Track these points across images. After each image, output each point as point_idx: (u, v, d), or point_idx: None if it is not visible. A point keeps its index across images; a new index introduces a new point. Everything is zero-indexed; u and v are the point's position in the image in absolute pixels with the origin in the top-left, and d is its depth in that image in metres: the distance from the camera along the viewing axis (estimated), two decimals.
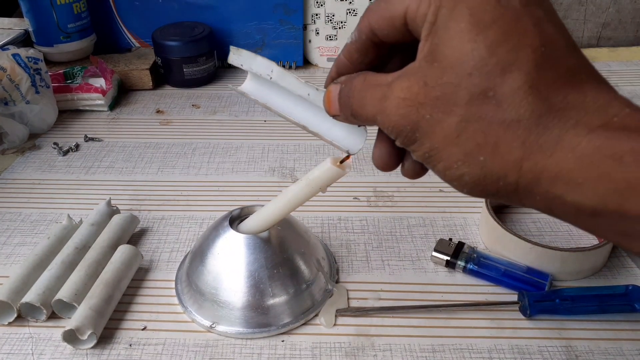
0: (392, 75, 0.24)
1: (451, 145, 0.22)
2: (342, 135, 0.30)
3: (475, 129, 0.21)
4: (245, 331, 0.40)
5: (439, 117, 0.22)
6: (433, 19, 0.22)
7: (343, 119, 0.27)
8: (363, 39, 0.26)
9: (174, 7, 0.82)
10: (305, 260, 0.42)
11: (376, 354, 0.39)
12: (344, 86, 0.26)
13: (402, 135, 0.23)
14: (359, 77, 0.25)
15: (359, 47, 0.26)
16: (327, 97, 0.27)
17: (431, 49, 0.22)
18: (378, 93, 0.24)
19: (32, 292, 0.40)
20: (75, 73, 0.73)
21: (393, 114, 0.23)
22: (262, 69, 0.30)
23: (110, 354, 0.39)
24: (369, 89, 0.24)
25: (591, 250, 0.43)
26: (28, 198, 0.55)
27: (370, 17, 0.25)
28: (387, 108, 0.23)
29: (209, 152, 0.63)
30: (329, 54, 0.85)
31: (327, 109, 0.28)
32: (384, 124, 0.24)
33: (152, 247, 0.49)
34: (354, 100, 0.25)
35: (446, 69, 0.21)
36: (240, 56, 0.31)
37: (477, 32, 0.21)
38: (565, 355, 0.38)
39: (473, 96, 0.21)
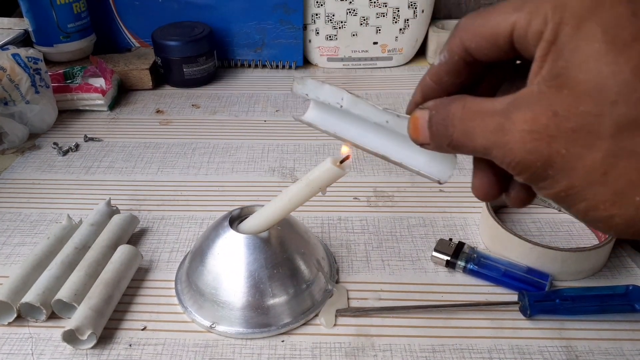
0: (501, 101, 0.21)
1: (596, 184, 0.19)
2: (427, 163, 0.27)
3: (627, 165, 0.19)
4: (245, 331, 0.40)
5: (578, 152, 0.19)
6: (552, 37, 0.19)
7: (434, 148, 0.24)
8: (455, 59, 0.23)
9: (174, 7, 0.82)
10: (305, 260, 0.42)
11: (376, 354, 0.39)
12: (435, 112, 0.23)
13: (528, 172, 0.21)
14: (456, 103, 0.22)
15: (450, 68, 0.24)
16: (413, 124, 0.24)
17: (556, 72, 0.19)
18: (491, 123, 0.21)
19: (32, 292, 0.40)
20: (75, 73, 0.73)
21: (517, 149, 0.20)
22: (330, 97, 0.28)
23: (110, 354, 0.39)
24: (475, 117, 0.22)
25: (591, 251, 0.43)
26: (28, 198, 0.55)
27: (463, 35, 0.22)
28: (508, 142, 0.20)
29: (208, 152, 0.63)
30: (329, 53, 0.84)
31: (412, 137, 0.25)
32: (504, 158, 0.21)
33: (152, 247, 0.49)
34: (454, 129, 0.22)
35: (582, 97, 0.19)
36: (305, 85, 0.29)
37: (617, 52, 0.18)
38: (565, 355, 0.38)
39: (621, 127, 0.18)
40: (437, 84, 0.25)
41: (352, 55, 0.85)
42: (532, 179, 0.21)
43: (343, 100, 0.28)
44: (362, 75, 0.84)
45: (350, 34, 0.83)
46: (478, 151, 0.22)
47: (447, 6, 0.89)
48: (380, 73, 0.84)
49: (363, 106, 0.27)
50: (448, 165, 0.27)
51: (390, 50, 0.84)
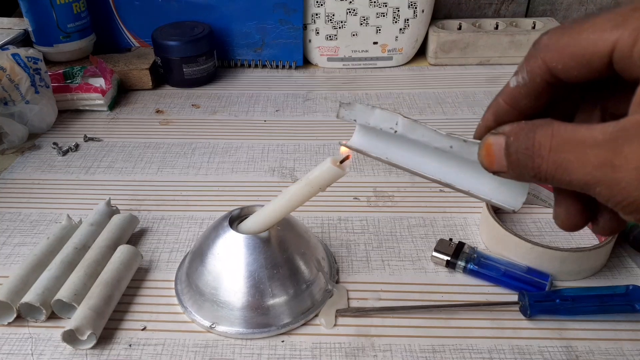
0: (602, 131, 0.19)
1: None
2: (496, 189, 0.25)
3: None
4: (245, 331, 0.40)
5: None
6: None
7: (513, 177, 0.22)
8: (537, 81, 0.21)
9: (174, 7, 0.82)
10: (305, 260, 0.42)
11: (376, 354, 0.39)
12: (514, 140, 0.21)
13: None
14: (543, 131, 0.20)
15: (529, 91, 0.22)
16: (487, 151, 0.22)
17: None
18: (593, 158, 0.19)
19: (32, 292, 0.40)
20: (75, 73, 0.73)
21: (632, 189, 0.18)
22: (383, 122, 0.26)
23: (110, 354, 0.39)
24: (570, 149, 0.19)
25: (591, 251, 0.43)
26: (28, 198, 0.55)
27: (547, 55, 0.21)
28: (619, 180, 0.18)
29: (208, 152, 0.63)
30: (329, 53, 0.84)
31: (486, 164, 0.23)
32: (612, 197, 0.19)
33: (152, 247, 0.49)
34: (542, 161, 0.20)
35: None
36: (353, 111, 0.27)
37: None
38: (565, 355, 0.38)
39: None
40: (513, 107, 0.23)
41: (352, 55, 0.85)
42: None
43: (397, 125, 0.26)
44: (362, 75, 0.84)
45: (350, 34, 0.83)
46: (574, 186, 0.20)
47: (447, 6, 0.89)
48: (380, 73, 0.84)
49: (422, 131, 0.25)
50: (520, 191, 0.25)
51: (390, 50, 0.84)
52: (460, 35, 0.83)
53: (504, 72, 0.82)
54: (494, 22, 0.86)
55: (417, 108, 0.73)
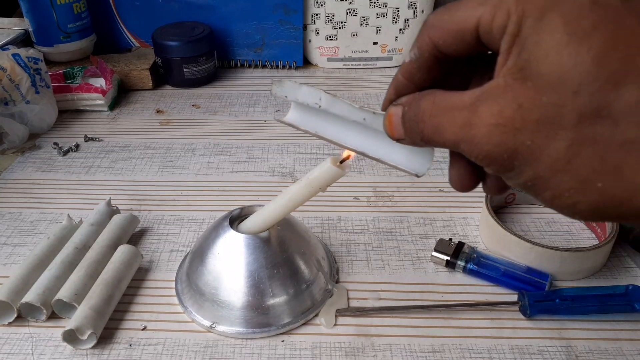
0: (469, 95, 0.21)
1: (560, 172, 0.20)
2: (405, 157, 0.28)
3: (590, 153, 0.19)
4: (245, 331, 0.40)
5: (543, 143, 0.19)
6: (515, 30, 0.19)
7: (409, 143, 0.25)
8: (425, 56, 0.24)
9: (174, 7, 0.82)
10: (305, 260, 0.42)
11: (376, 354, 0.39)
12: (408, 109, 0.24)
13: (495, 164, 0.21)
14: (426, 99, 0.23)
15: (421, 65, 0.24)
16: (389, 120, 0.25)
17: (520, 65, 0.20)
18: (459, 118, 0.21)
19: (32, 292, 0.40)
20: (75, 73, 0.73)
21: (484, 143, 0.21)
22: (308, 98, 0.29)
23: (110, 354, 0.39)
24: (444, 113, 0.22)
25: (591, 250, 0.43)
26: (28, 198, 0.55)
27: (431, 32, 0.23)
28: (475, 136, 0.21)
29: (209, 152, 0.63)
30: (329, 54, 0.85)
31: (389, 133, 0.26)
32: (472, 152, 0.21)
33: (152, 247, 0.49)
34: (425, 125, 0.23)
35: (545, 89, 0.19)
36: (283, 87, 0.30)
37: (578, 42, 0.18)
38: (565, 355, 0.38)
39: (583, 117, 0.19)
40: (409, 80, 0.25)
41: (352, 56, 0.85)
42: (499, 170, 0.21)
43: (321, 100, 0.29)
44: (362, 75, 0.84)
45: (350, 34, 0.83)
46: (448, 145, 0.22)
47: None
48: (380, 73, 0.84)
49: (340, 105, 0.28)
50: (425, 158, 0.28)
51: (390, 50, 0.84)
52: None
53: None
54: None
55: None
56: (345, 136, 0.29)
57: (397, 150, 0.28)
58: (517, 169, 0.21)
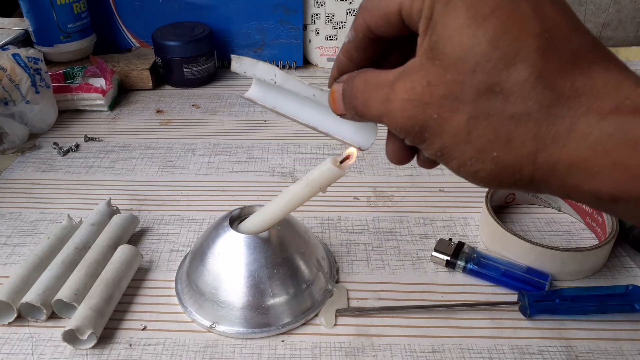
0: (393, 73, 0.23)
1: (462, 143, 0.22)
2: (352, 132, 0.30)
3: (485, 125, 0.21)
4: (245, 331, 0.40)
5: (447, 116, 0.22)
6: (429, 14, 0.21)
7: (350, 118, 0.27)
8: (360, 37, 0.25)
9: (174, 7, 0.82)
10: (305, 260, 0.42)
11: (376, 354, 0.39)
12: (346, 85, 0.26)
13: (410, 135, 0.23)
14: (359, 77, 0.25)
15: (357, 45, 0.26)
16: (332, 96, 0.27)
17: (430, 46, 0.22)
18: (381, 94, 0.24)
19: (32, 292, 0.40)
20: (75, 73, 0.73)
21: (399, 116, 0.23)
22: (264, 74, 0.31)
23: (110, 354, 0.39)
24: (371, 89, 0.24)
25: (591, 251, 0.43)
26: (28, 198, 0.55)
27: (364, 15, 0.25)
28: (392, 110, 0.23)
29: (209, 152, 0.63)
30: (329, 54, 0.85)
31: (332, 108, 0.28)
32: (391, 125, 0.24)
33: (152, 247, 0.49)
34: (357, 101, 0.25)
35: (448, 67, 0.21)
36: (242, 63, 0.31)
37: (476, 26, 0.20)
38: (565, 355, 0.38)
39: (479, 93, 0.21)
40: (349, 60, 0.27)
41: None
42: (414, 141, 0.23)
43: (276, 77, 0.30)
44: None
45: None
46: (375, 119, 0.25)
47: None
48: None
49: (292, 82, 0.30)
50: (370, 133, 0.30)
51: None
52: None
53: None
54: None
55: None
56: (299, 112, 0.31)
57: (346, 126, 0.30)
58: (428, 140, 0.23)
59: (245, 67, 0.31)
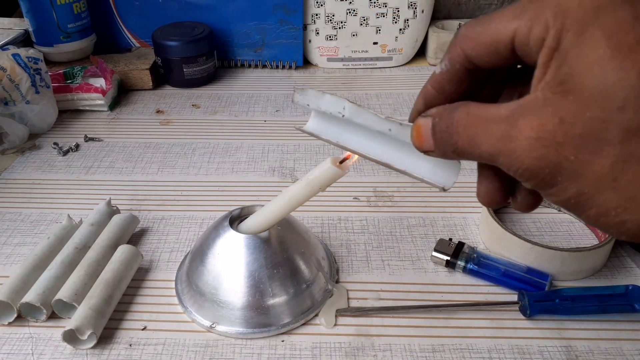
0: (505, 107, 0.21)
1: (606, 189, 0.19)
2: (431, 170, 0.28)
3: (637, 170, 0.19)
4: (245, 331, 0.40)
5: (587, 159, 0.19)
6: (554, 44, 0.19)
7: (439, 155, 0.24)
8: (456, 67, 0.23)
9: (174, 7, 0.82)
10: (305, 260, 0.42)
11: (376, 354, 0.39)
12: (439, 120, 0.23)
13: (536, 179, 0.20)
14: (459, 111, 0.23)
15: (452, 76, 0.24)
16: (417, 132, 0.25)
17: (561, 79, 0.19)
18: (496, 131, 0.21)
19: (32, 292, 0.40)
20: (75, 73, 0.73)
21: (525, 157, 0.20)
22: (332, 107, 0.28)
23: (110, 354, 0.39)
24: (479, 124, 0.22)
25: (591, 250, 0.43)
26: (28, 198, 0.55)
27: (464, 43, 0.23)
28: (515, 149, 0.20)
29: (209, 152, 0.63)
30: (329, 54, 0.85)
31: (416, 144, 0.25)
32: (511, 165, 0.21)
33: (152, 247, 0.49)
34: (459, 137, 0.22)
35: (588, 103, 0.19)
36: (306, 96, 0.29)
37: (622, 57, 0.18)
38: (565, 355, 0.38)
39: (629, 133, 0.18)
40: (439, 92, 0.25)
41: (352, 56, 0.85)
42: (540, 185, 0.21)
43: (345, 110, 0.28)
44: (362, 75, 0.84)
45: (350, 34, 0.83)
46: (484, 158, 0.22)
47: (446, 6, 0.89)
48: (380, 73, 0.84)
49: (365, 115, 0.27)
50: (452, 171, 0.27)
51: (390, 50, 0.84)
52: None
53: None
54: None
55: None
56: (368, 146, 0.29)
57: (423, 163, 0.28)
58: (559, 185, 0.20)
59: (309, 100, 0.29)
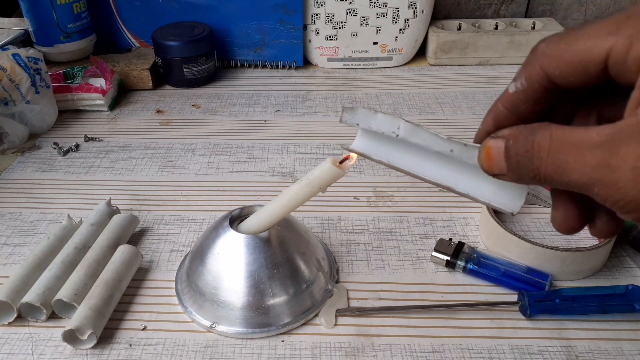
0: (599, 133, 0.19)
1: None
2: (495, 192, 0.26)
3: None
4: (245, 331, 0.40)
5: None
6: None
7: (512, 180, 0.23)
8: (535, 87, 0.22)
9: (174, 7, 0.82)
10: (305, 260, 0.42)
11: (376, 354, 0.39)
12: (514, 142, 0.22)
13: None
14: (541, 133, 0.21)
15: (529, 96, 0.22)
16: (487, 154, 0.23)
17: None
18: (591, 158, 0.19)
19: (32, 292, 0.40)
20: (75, 73, 0.73)
21: (630, 188, 0.18)
22: (385, 127, 0.27)
23: (110, 354, 0.39)
24: (568, 150, 0.20)
25: (591, 250, 0.43)
26: (28, 198, 0.55)
27: (544, 61, 0.21)
28: (617, 180, 0.19)
29: (209, 152, 0.63)
30: (329, 54, 0.85)
31: (486, 167, 0.23)
32: (611, 197, 0.19)
33: (152, 247, 0.49)
34: (542, 162, 0.20)
35: None
36: (356, 115, 0.28)
37: None
38: (565, 355, 0.38)
39: None
40: (512, 112, 0.23)
41: (352, 56, 0.85)
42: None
43: (399, 129, 0.27)
44: (362, 75, 0.84)
45: (350, 34, 0.83)
46: (572, 187, 0.20)
47: (446, 6, 0.89)
48: (380, 73, 0.84)
49: (423, 135, 0.26)
50: (518, 193, 0.26)
51: (390, 50, 0.84)
52: (460, 36, 0.83)
53: (503, 72, 0.82)
54: (494, 23, 0.86)
55: (417, 108, 0.73)
56: (424, 167, 0.27)
57: (485, 185, 0.26)
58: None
59: (359, 119, 0.28)
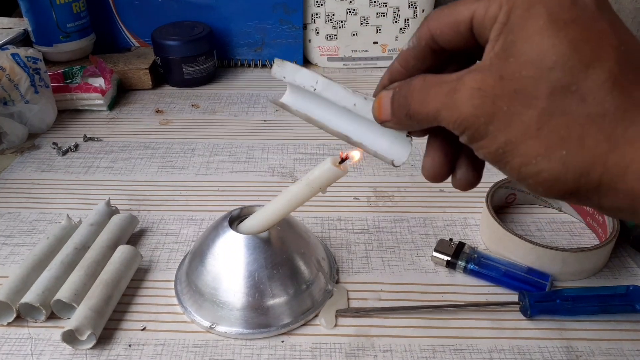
0: (457, 74, 0.23)
1: (531, 138, 0.21)
2: (386, 146, 0.29)
3: (558, 122, 0.21)
4: (245, 332, 0.40)
5: (518, 110, 0.21)
6: (505, 19, 0.22)
7: (394, 124, 0.27)
8: (422, 45, 0.26)
9: (174, 6, 0.82)
10: (305, 260, 0.42)
11: (376, 354, 0.39)
12: (399, 89, 0.26)
13: (472, 128, 0.23)
14: (417, 78, 0.25)
15: (417, 53, 0.26)
16: (378, 103, 0.27)
17: (505, 46, 0.22)
18: (445, 88, 0.23)
19: (32, 293, 0.40)
20: (75, 73, 0.73)
21: (464, 105, 0.22)
22: (306, 80, 0.30)
23: (110, 355, 0.39)
24: (432, 86, 0.24)
25: (592, 251, 0.43)
26: (27, 198, 0.55)
27: (431, 24, 0.25)
28: (457, 100, 0.23)
29: (208, 152, 0.63)
30: (329, 53, 0.84)
31: (376, 115, 0.27)
32: (451, 117, 0.23)
33: (152, 247, 0.49)
34: (412, 99, 0.25)
35: (525, 63, 0.21)
36: (284, 69, 0.31)
37: (558, 29, 0.21)
38: (566, 355, 0.38)
39: (555, 90, 0.21)
40: (405, 68, 0.27)
41: (352, 55, 0.85)
42: (474, 136, 0.23)
43: (317, 84, 0.29)
44: (362, 75, 0.84)
45: (351, 34, 0.83)
46: (430, 116, 0.24)
47: None
48: (381, 73, 0.84)
49: (335, 89, 0.29)
50: (404, 148, 0.29)
51: (391, 50, 0.84)
52: None
53: None
54: None
55: None
56: (333, 120, 0.31)
57: (380, 140, 0.29)
58: (491, 135, 0.22)
59: (286, 73, 0.31)
